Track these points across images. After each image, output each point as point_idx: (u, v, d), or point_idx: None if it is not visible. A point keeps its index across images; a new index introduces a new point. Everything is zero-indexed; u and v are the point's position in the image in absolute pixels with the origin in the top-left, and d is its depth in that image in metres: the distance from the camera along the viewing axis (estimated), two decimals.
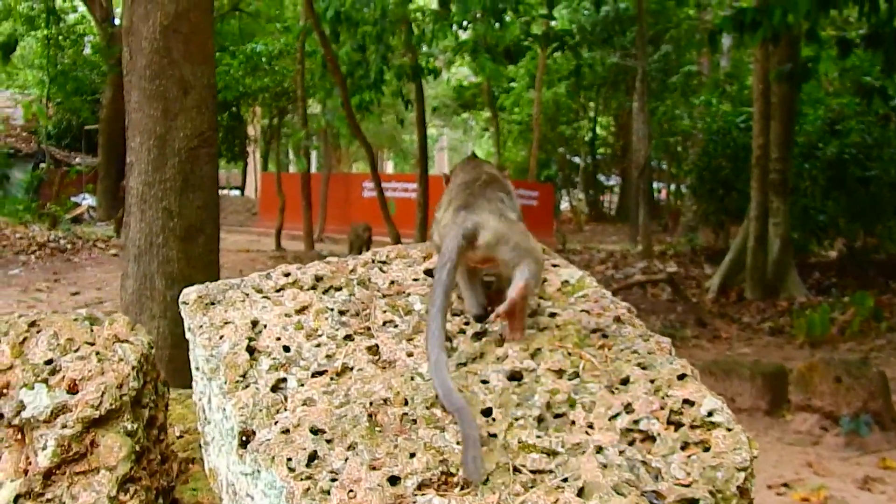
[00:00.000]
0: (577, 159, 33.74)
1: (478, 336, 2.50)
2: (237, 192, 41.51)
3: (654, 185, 36.83)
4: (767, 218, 13.19)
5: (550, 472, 2.03)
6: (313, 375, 2.30)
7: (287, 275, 2.76)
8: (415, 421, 2.14)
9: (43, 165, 28.02)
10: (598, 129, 35.78)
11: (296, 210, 23.06)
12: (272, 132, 29.96)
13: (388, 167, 56.48)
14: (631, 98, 27.18)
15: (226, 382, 2.26)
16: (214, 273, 6.01)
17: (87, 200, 27.55)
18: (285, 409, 2.17)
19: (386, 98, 17.14)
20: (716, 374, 7.40)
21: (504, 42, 12.43)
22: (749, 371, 7.42)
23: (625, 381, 2.31)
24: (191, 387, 2.64)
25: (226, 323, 2.47)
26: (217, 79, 7.26)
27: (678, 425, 2.18)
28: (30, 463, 2.38)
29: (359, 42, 12.45)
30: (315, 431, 2.09)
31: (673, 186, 30.30)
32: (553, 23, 19.26)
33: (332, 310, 2.57)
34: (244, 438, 2.12)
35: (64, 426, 2.41)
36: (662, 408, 2.21)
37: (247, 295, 2.62)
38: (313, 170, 37.29)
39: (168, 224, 5.67)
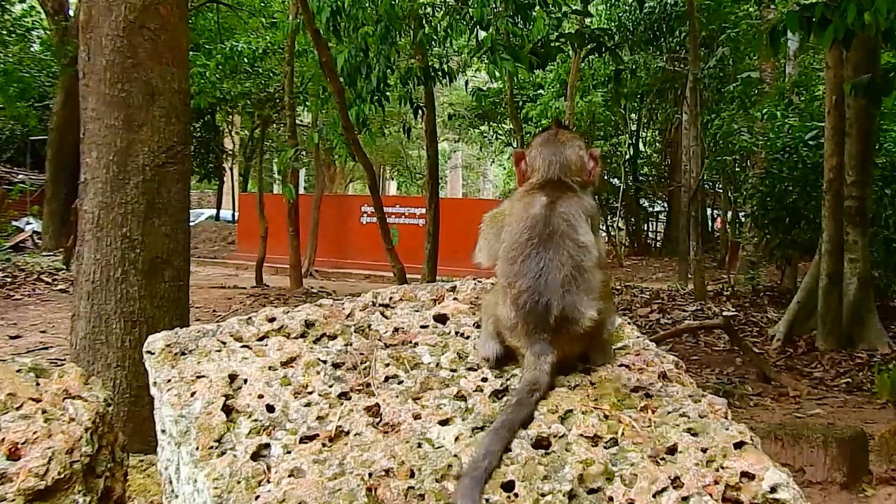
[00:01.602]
0: (615, 181, 33.66)
1: (497, 394, 2.50)
2: (211, 217, 41.55)
3: (708, 212, 36.76)
4: (842, 253, 13.13)
5: None
6: (302, 441, 2.30)
7: (272, 320, 2.77)
8: (422, 496, 2.14)
9: None
10: (640, 146, 35.79)
11: (281, 238, 23.07)
12: (254, 146, 30.04)
13: (391, 188, 56.60)
14: (680, 109, 27.17)
15: (198, 448, 2.26)
16: (183, 314, 6.02)
17: (32, 225, 27.65)
18: (268, 482, 2.18)
19: (391, 106, 17.16)
20: (782, 440, 7.36)
21: (530, 41, 12.41)
22: (822, 436, 7.38)
23: (672, 450, 2.31)
24: (154, 452, 2.64)
25: (199, 377, 2.48)
26: (190, 83, 7.29)
27: (735, 503, 2.18)
28: None
29: (359, 45, 12.46)
30: None
31: (730, 214, 30.18)
32: (588, 20, 19.32)
33: (324, 362, 2.58)
34: None
35: (2, 500, 2.42)
36: (716, 482, 2.20)
37: (224, 343, 2.63)
38: (301, 190, 37.38)
39: (129, 255, 5.68)
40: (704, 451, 2.29)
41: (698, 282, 18.96)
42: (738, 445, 2.31)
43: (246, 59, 22.91)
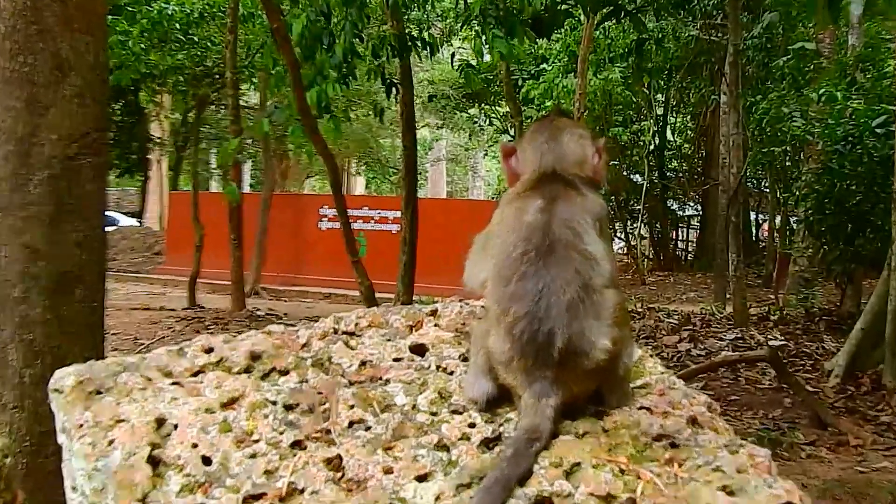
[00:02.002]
0: (637, 178, 33.74)
1: (488, 444, 2.51)
2: (133, 221, 41.50)
3: (752, 216, 36.80)
4: None
5: None
6: (246, 500, 2.31)
7: (209, 351, 2.77)
8: None
9: None
10: (668, 134, 35.90)
11: (220, 248, 23.05)
12: (187, 133, 29.96)
13: (358, 186, 56.60)
14: (717, 89, 27.28)
15: None
16: (98, 342, 5.98)
17: None
18: None
19: (358, 83, 17.11)
20: (842, 500, 7.39)
21: (530, 4, 12.38)
22: (890, 495, 7.42)
23: None
24: None
25: (118, 421, 2.49)
26: (109, 54, 7.27)
27: None
28: None
29: (319, 8, 12.38)
30: None
31: (779, 219, 30.23)
32: None
33: (274, 403, 2.59)
34: None
35: None
36: None
37: (149, 380, 2.64)
38: (246, 189, 37.30)
39: (30, 269, 5.63)
40: None
41: (739, 303, 18.98)
42: None
43: (178, 25, 22.72)
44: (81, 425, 2.48)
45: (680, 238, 39.30)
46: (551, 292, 2.54)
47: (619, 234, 35.51)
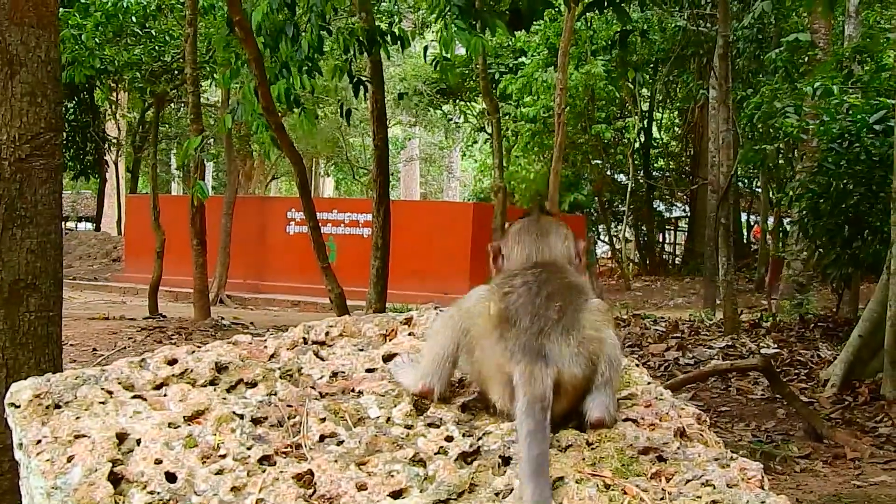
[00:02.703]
0: (622, 177, 33.74)
1: (466, 458, 2.51)
2: (89, 227, 41.33)
3: (743, 218, 36.87)
4: None
5: None
6: None
7: (172, 362, 2.77)
8: None
9: None
10: (655, 131, 35.92)
11: (182, 254, 22.96)
12: (145, 132, 29.85)
13: (327, 187, 56.51)
14: (706, 83, 27.32)
15: None
16: (55, 354, 5.94)
17: None
18: None
19: (325, 79, 17.06)
20: None
21: None
22: None
23: None
24: None
25: (78, 437, 2.48)
26: (61, 50, 7.25)
27: None
28: None
29: None
30: None
31: (771, 221, 30.31)
32: None
33: (241, 417, 2.58)
34: None
35: None
36: None
37: (110, 393, 2.63)
38: (209, 191, 37.17)
39: None
40: None
41: (729, 310, 18.98)
42: None
43: (134, 18, 22.58)
44: (39, 441, 2.47)
45: (667, 241, 39.38)
46: (552, 280, 2.66)
47: (602, 238, 35.54)
